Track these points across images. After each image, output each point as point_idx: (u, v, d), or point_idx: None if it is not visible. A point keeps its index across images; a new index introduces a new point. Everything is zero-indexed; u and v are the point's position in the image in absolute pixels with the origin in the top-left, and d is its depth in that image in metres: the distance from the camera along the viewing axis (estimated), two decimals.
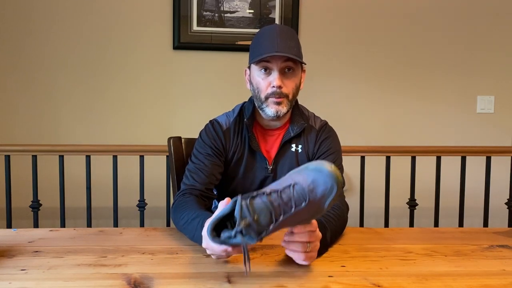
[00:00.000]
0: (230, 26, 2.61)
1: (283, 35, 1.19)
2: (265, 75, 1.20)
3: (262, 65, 1.19)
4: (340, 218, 1.10)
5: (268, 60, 1.18)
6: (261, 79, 1.21)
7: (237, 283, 0.80)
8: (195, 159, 1.26)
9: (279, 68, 1.18)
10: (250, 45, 1.25)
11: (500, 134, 2.79)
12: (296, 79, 1.23)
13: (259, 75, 1.21)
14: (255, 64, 1.20)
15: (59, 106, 2.58)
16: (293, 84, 1.22)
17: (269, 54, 1.16)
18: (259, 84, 1.21)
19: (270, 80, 1.19)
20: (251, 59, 1.22)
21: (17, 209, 2.40)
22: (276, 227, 0.78)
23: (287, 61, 1.18)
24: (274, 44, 1.16)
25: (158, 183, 2.47)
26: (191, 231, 1.03)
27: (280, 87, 1.18)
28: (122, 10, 2.57)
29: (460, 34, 2.75)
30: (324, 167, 0.79)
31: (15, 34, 2.53)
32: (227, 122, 1.30)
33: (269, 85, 1.19)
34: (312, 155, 1.29)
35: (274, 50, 1.16)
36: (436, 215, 2.40)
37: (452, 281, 0.83)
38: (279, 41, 1.17)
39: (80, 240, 1.06)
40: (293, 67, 1.20)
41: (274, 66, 1.18)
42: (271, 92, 1.19)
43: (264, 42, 1.19)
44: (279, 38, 1.17)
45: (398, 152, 2.35)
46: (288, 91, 1.20)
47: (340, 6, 2.68)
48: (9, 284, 0.79)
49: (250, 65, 1.24)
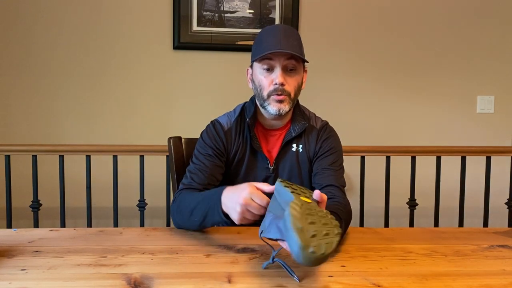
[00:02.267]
0: (230, 26, 2.61)
1: (286, 33, 1.19)
2: (267, 73, 1.21)
3: (265, 62, 1.20)
4: (347, 209, 1.15)
5: (271, 57, 1.18)
6: (264, 76, 1.21)
7: (237, 283, 0.80)
8: (195, 160, 1.26)
9: (282, 65, 1.19)
10: (253, 44, 1.25)
11: (500, 134, 2.79)
12: (298, 78, 1.23)
13: (261, 73, 1.22)
14: (258, 62, 1.21)
15: (59, 106, 2.58)
16: (295, 83, 1.22)
17: (272, 50, 1.16)
18: (262, 82, 1.22)
19: (272, 77, 1.20)
20: (254, 57, 1.22)
21: (17, 209, 2.40)
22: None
23: (290, 59, 1.19)
24: (277, 42, 1.17)
25: (158, 183, 2.47)
26: (206, 202, 1.05)
27: (282, 84, 1.19)
28: (122, 10, 2.57)
29: (460, 34, 2.75)
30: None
31: (15, 35, 2.53)
32: (228, 123, 1.30)
33: (272, 83, 1.20)
34: (313, 155, 1.29)
35: (277, 48, 1.16)
36: (436, 215, 2.40)
37: (452, 281, 0.83)
38: (282, 39, 1.17)
39: (80, 240, 1.06)
40: (295, 65, 1.21)
41: (277, 64, 1.19)
42: (274, 89, 1.19)
43: (267, 40, 1.19)
44: (282, 36, 1.18)
45: (398, 152, 2.35)
46: (290, 89, 1.21)
47: (340, 6, 2.68)
48: (9, 284, 0.79)
49: (253, 64, 1.25)
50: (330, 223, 0.77)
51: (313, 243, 0.70)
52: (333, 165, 1.26)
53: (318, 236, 0.72)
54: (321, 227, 0.74)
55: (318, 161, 1.28)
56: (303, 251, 0.69)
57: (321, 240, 0.71)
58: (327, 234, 0.74)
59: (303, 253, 0.69)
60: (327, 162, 1.26)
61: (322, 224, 0.75)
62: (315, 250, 0.69)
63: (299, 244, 0.69)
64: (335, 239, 0.74)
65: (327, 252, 0.70)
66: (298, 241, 0.69)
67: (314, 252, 0.69)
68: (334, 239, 0.73)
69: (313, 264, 0.71)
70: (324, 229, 0.74)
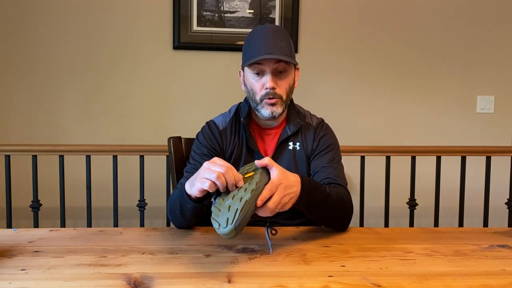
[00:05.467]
0: (230, 26, 2.61)
1: (274, 35, 1.19)
2: (258, 77, 1.21)
3: (255, 67, 1.20)
4: (340, 194, 1.15)
5: (260, 62, 1.18)
6: (255, 81, 1.22)
7: (237, 283, 0.80)
8: (192, 160, 1.27)
9: (272, 69, 1.19)
10: (242, 47, 1.26)
11: (500, 134, 2.79)
12: (289, 79, 1.23)
13: (252, 77, 1.22)
14: (248, 67, 1.21)
15: (59, 106, 2.58)
16: (286, 84, 1.23)
17: (260, 57, 1.16)
18: (253, 86, 1.22)
19: (263, 82, 1.20)
20: (244, 62, 1.23)
21: (17, 209, 2.40)
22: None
23: (279, 62, 1.19)
24: (265, 46, 1.17)
25: (158, 183, 2.47)
26: (180, 193, 1.06)
27: (273, 88, 1.19)
28: (122, 10, 2.57)
29: (460, 34, 2.75)
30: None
31: (16, 35, 2.53)
32: (224, 123, 1.31)
33: (263, 87, 1.20)
34: (311, 152, 1.29)
35: (265, 52, 1.16)
36: (436, 215, 2.40)
37: (452, 281, 0.83)
38: (270, 43, 1.17)
39: (80, 240, 1.06)
40: (285, 67, 1.21)
41: (267, 68, 1.19)
42: (265, 93, 1.20)
43: (255, 44, 1.19)
44: (270, 39, 1.18)
45: (398, 152, 2.35)
46: (281, 91, 1.21)
47: (340, 6, 2.68)
48: (9, 284, 0.79)
49: (244, 67, 1.25)
50: (248, 186, 0.91)
51: (223, 220, 0.86)
52: (332, 162, 1.27)
53: (230, 210, 0.87)
54: (236, 200, 0.89)
55: (316, 159, 1.28)
56: (217, 230, 0.86)
57: (230, 213, 0.86)
58: (239, 197, 0.89)
59: (218, 231, 0.86)
60: (326, 160, 1.26)
61: (239, 196, 0.89)
62: (225, 225, 0.85)
63: (215, 227, 0.87)
64: (241, 204, 0.87)
65: (235, 223, 0.84)
66: (214, 225, 0.88)
67: (224, 227, 0.85)
68: (240, 205, 0.87)
69: (229, 235, 0.85)
70: (238, 199, 0.89)
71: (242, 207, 0.86)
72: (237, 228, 0.84)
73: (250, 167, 0.99)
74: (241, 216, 0.85)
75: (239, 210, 0.85)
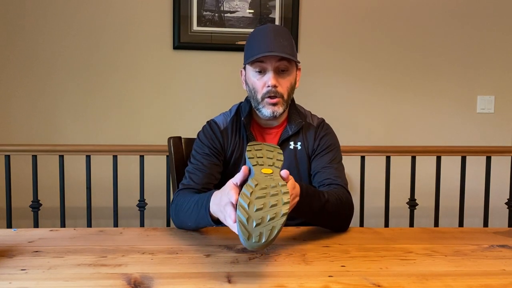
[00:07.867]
0: (230, 26, 2.61)
1: (276, 34, 1.19)
2: (260, 76, 1.21)
3: (257, 65, 1.20)
4: (340, 196, 1.15)
5: (262, 60, 1.18)
6: (256, 79, 1.22)
7: (237, 283, 0.80)
8: (193, 160, 1.27)
9: (273, 67, 1.19)
10: (244, 46, 1.26)
11: (500, 134, 2.79)
12: (291, 78, 1.23)
13: (254, 75, 1.22)
14: (250, 65, 1.21)
15: (59, 106, 2.58)
16: (288, 83, 1.23)
17: (262, 54, 1.16)
18: (255, 85, 1.22)
19: (265, 80, 1.20)
20: (245, 60, 1.23)
21: (17, 209, 2.40)
22: None
23: (281, 60, 1.19)
24: (267, 44, 1.17)
25: (158, 183, 2.47)
26: (197, 210, 1.05)
27: (275, 86, 1.19)
28: (122, 10, 2.57)
29: (460, 34, 2.75)
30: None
31: (16, 36, 2.53)
32: (225, 122, 1.31)
33: (265, 85, 1.20)
34: (312, 152, 1.29)
35: (267, 50, 1.16)
36: (436, 215, 2.40)
37: (452, 281, 0.83)
38: (272, 41, 1.17)
39: (80, 240, 1.06)
40: (287, 66, 1.21)
41: (269, 66, 1.19)
42: (267, 91, 1.20)
43: (257, 42, 1.19)
44: (272, 37, 1.18)
45: (398, 152, 2.35)
46: (283, 90, 1.21)
47: (340, 6, 2.68)
48: (9, 284, 0.79)
49: (245, 66, 1.25)
50: (279, 193, 0.84)
51: (256, 233, 0.78)
52: (332, 162, 1.27)
53: (263, 222, 0.79)
54: (269, 210, 0.81)
55: (317, 159, 1.28)
56: (246, 242, 0.77)
57: (265, 227, 0.78)
58: (274, 207, 0.81)
59: (246, 243, 0.77)
60: (327, 160, 1.27)
61: (270, 206, 0.81)
62: (257, 240, 0.77)
63: (241, 236, 0.78)
64: (279, 221, 0.79)
65: (269, 240, 0.77)
66: (240, 233, 0.78)
67: (257, 241, 0.77)
68: (278, 222, 0.79)
69: (258, 249, 0.79)
70: (272, 211, 0.80)
71: (280, 225, 0.79)
72: (268, 244, 0.78)
73: (271, 157, 0.95)
74: (277, 234, 0.78)
75: (277, 229, 0.78)
